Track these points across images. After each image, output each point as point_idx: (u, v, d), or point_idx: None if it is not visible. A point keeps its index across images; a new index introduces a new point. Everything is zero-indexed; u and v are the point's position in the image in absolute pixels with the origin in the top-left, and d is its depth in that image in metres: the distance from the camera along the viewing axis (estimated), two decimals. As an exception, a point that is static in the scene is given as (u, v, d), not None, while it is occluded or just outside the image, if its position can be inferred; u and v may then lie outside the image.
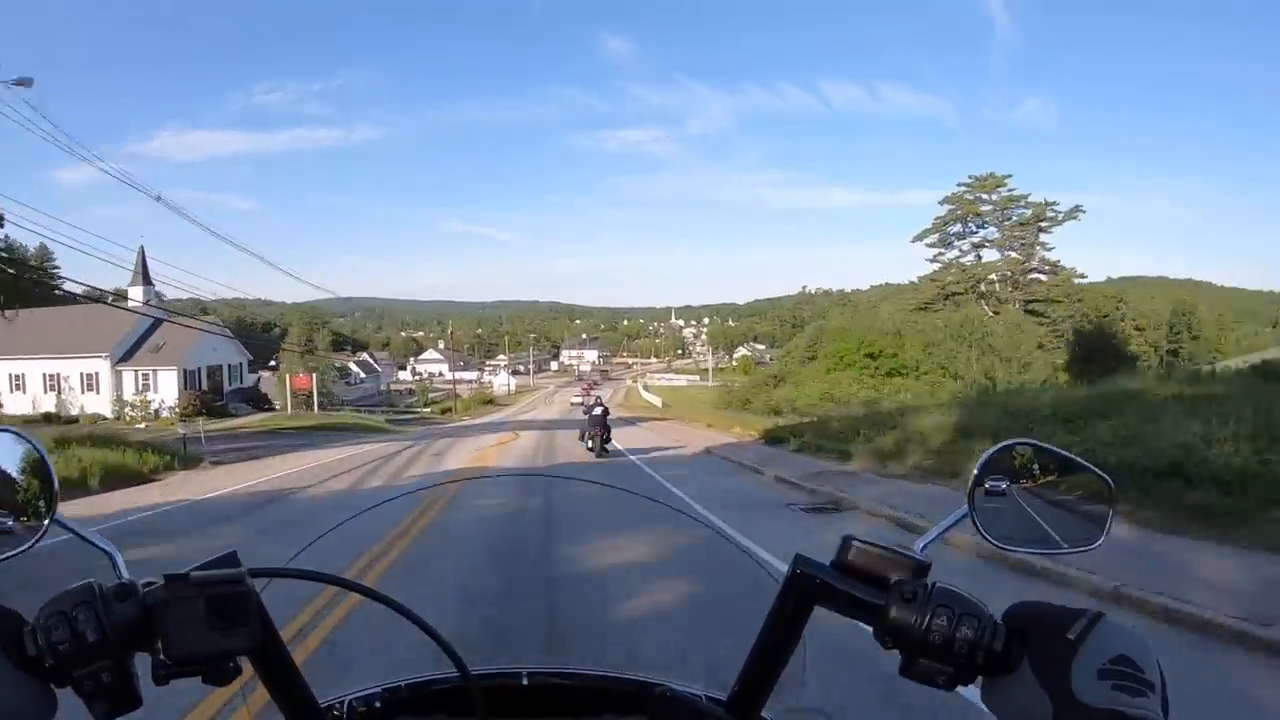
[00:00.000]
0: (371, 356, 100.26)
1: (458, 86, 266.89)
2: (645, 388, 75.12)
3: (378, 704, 0.86)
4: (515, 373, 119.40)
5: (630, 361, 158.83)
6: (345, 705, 0.84)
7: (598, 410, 15.11)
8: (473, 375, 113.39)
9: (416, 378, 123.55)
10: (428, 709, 0.88)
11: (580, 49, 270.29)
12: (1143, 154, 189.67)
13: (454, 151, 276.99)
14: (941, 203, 52.20)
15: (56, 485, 0.68)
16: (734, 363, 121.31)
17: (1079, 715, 0.51)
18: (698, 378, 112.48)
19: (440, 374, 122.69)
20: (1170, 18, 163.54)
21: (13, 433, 0.70)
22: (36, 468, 0.69)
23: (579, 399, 49.30)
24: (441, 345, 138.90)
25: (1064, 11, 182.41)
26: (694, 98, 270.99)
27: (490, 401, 67.29)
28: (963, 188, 50.63)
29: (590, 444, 14.84)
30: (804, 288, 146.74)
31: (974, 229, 51.05)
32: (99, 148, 25.82)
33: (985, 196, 49.34)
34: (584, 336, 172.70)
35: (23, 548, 0.66)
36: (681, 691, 0.78)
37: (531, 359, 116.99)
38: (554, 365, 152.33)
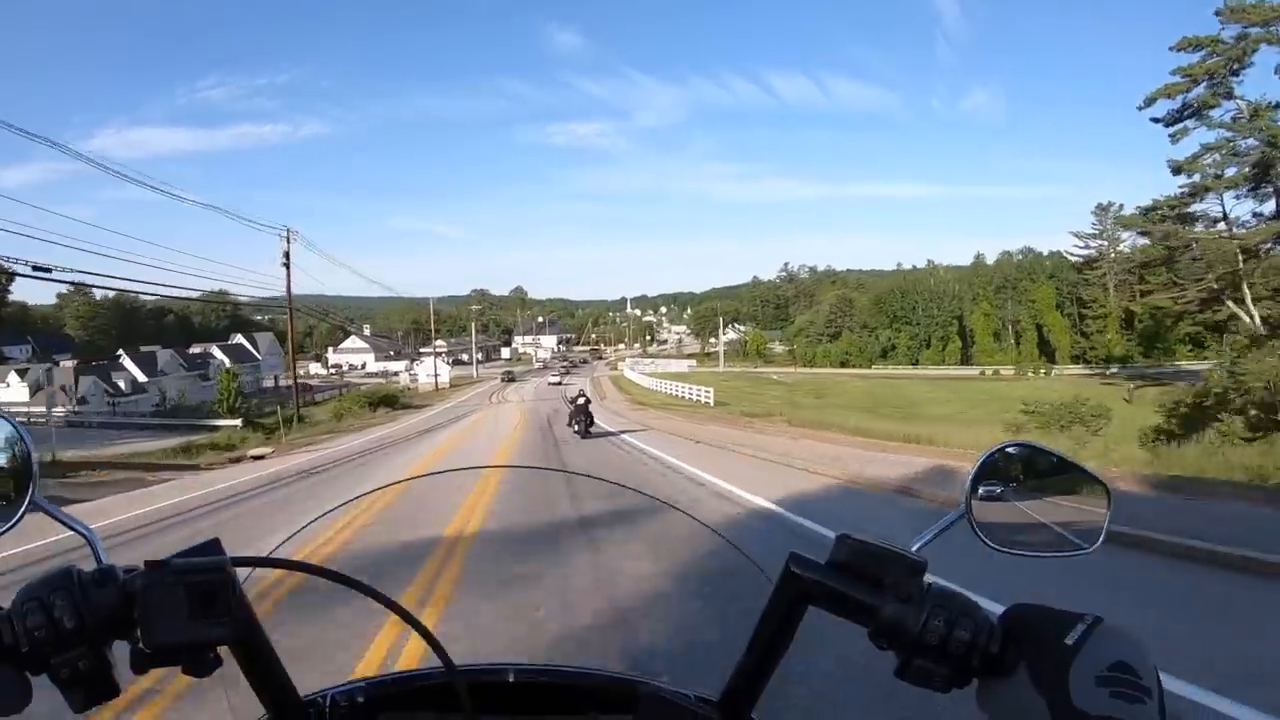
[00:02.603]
0: (251, 341, 72.47)
1: (402, 82, 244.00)
2: (649, 374, 51.36)
3: (361, 698, 0.83)
4: (458, 362, 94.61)
5: (602, 347, 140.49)
6: (328, 699, 0.81)
7: (581, 400, 17.32)
8: (401, 365, 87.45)
9: (332, 370, 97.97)
10: (413, 704, 0.85)
11: (525, 42, 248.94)
12: (1096, 143, 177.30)
13: (400, 147, 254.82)
14: (1175, 48, 30.19)
15: (36, 466, 0.66)
16: (722, 346, 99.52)
17: None
18: (694, 362, 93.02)
19: (363, 365, 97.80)
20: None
21: None
22: (13, 448, 0.67)
23: (556, 379, 58.35)
24: (367, 330, 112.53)
25: (1011, 3, 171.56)
26: (641, 91, 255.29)
27: (387, 402, 40.05)
28: (1220, 20, 28.22)
29: (577, 427, 16.64)
30: (786, 264, 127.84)
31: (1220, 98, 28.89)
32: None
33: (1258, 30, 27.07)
34: (540, 320, 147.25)
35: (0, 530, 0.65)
36: (670, 691, 0.75)
37: (474, 343, 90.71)
38: (505, 353, 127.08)
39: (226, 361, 64.64)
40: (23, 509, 0.65)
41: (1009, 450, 0.75)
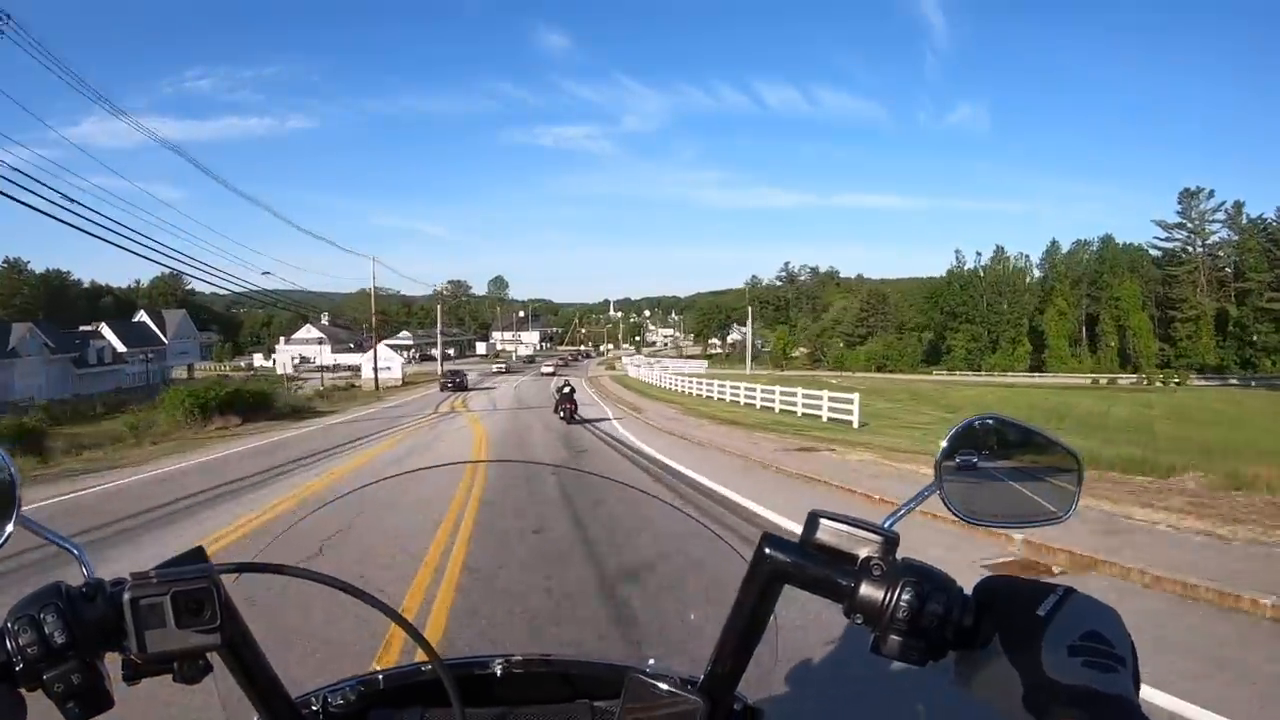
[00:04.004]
0: (156, 319, 58.06)
1: (391, 80, 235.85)
2: (676, 375, 39.20)
3: (353, 697, 0.84)
4: (426, 357, 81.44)
5: (600, 346, 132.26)
6: (320, 699, 0.82)
7: (567, 389, 19.17)
8: (358, 358, 74.47)
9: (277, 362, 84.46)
10: (403, 700, 0.87)
11: (513, 43, 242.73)
12: (1073, 159, 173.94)
13: (385, 145, 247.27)
14: None
15: (19, 485, 0.66)
16: (724, 349, 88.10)
17: (1049, 692, 0.50)
18: (704, 363, 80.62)
19: (315, 357, 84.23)
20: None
21: None
22: None
23: (550, 369, 65.05)
24: (325, 319, 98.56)
25: (998, 18, 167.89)
26: (629, 95, 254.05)
27: (246, 405, 24.29)
28: None
29: (562, 414, 18.45)
30: (787, 264, 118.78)
31: None
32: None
33: None
34: (520, 314, 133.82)
35: None
36: (655, 674, 0.75)
37: (440, 334, 77.03)
38: (481, 348, 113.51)
39: (118, 343, 49.82)
40: (9, 528, 0.64)
41: (978, 423, 0.74)
